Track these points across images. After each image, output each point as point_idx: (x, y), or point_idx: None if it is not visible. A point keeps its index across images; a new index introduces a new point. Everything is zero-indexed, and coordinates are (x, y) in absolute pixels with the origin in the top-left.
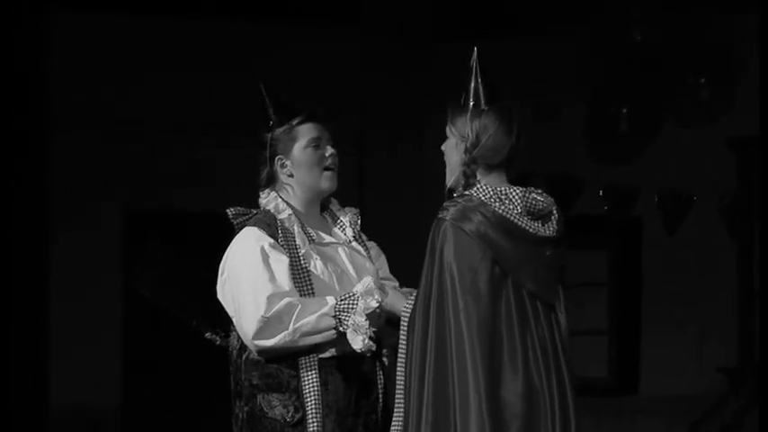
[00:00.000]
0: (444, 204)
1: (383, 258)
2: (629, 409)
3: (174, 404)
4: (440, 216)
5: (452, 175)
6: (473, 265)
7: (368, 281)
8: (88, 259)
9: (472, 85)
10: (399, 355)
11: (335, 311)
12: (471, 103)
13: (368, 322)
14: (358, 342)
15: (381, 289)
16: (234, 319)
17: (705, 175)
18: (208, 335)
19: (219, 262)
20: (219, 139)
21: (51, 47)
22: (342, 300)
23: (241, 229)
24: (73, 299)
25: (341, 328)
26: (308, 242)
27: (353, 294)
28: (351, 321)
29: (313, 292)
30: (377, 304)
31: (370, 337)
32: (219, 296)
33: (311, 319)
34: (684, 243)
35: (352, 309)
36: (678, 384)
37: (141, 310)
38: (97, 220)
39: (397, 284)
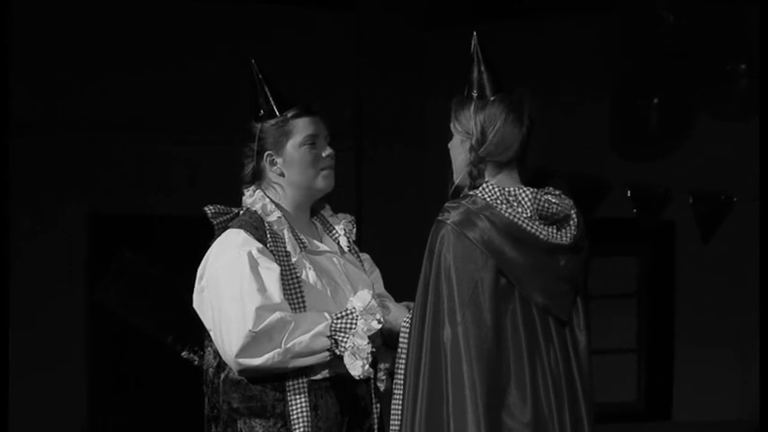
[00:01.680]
0: (445, 206)
1: (377, 273)
2: None
3: (146, 430)
4: (440, 218)
5: (459, 176)
6: (474, 276)
7: (366, 296)
8: (49, 269)
9: (474, 74)
10: (396, 377)
11: (332, 331)
12: (475, 95)
13: (369, 345)
14: (357, 368)
15: (382, 305)
16: (212, 333)
17: (745, 173)
18: (184, 354)
19: (197, 270)
20: (195, 136)
21: (9, 37)
22: (339, 317)
23: (222, 230)
24: (32, 314)
25: (337, 351)
26: (299, 249)
27: (352, 312)
28: (349, 344)
29: (305, 307)
30: (379, 326)
31: (370, 363)
32: (196, 305)
33: (305, 338)
34: (722, 249)
35: (351, 329)
36: (716, 409)
37: (108, 325)
38: (60, 226)
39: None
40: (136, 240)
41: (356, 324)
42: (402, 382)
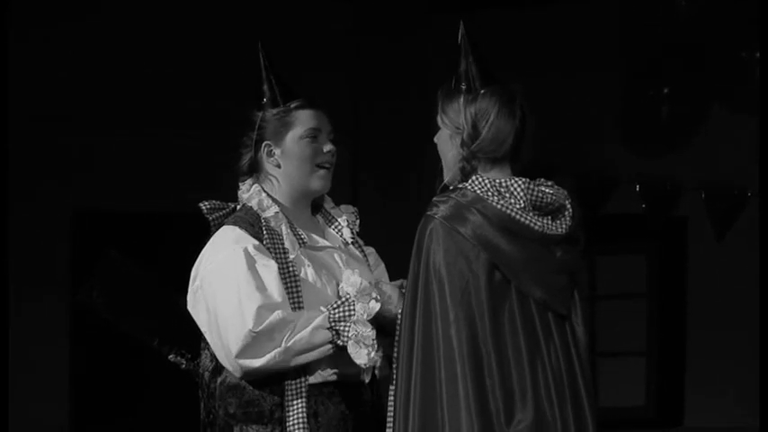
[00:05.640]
0: (434, 200)
1: (382, 267)
2: None
3: None
4: (428, 213)
5: (449, 173)
6: (467, 272)
7: (356, 279)
8: (32, 268)
9: (462, 65)
10: (394, 367)
11: (331, 322)
12: (464, 87)
13: (374, 332)
14: (362, 356)
15: (376, 286)
16: (208, 335)
17: (761, 167)
18: (171, 357)
19: (186, 269)
20: (184, 132)
21: None
22: (335, 307)
23: (218, 227)
24: (14, 314)
25: (339, 342)
26: (298, 246)
27: (347, 299)
28: (352, 332)
29: (302, 306)
30: (378, 305)
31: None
32: (190, 307)
33: (304, 334)
34: (736, 247)
35: (351, 316)
36: (729, 415)
37: (91, 328)
38: (43, 224)
39: None
40: (121, 239)
41: (354, 310)
42: (396, 374)
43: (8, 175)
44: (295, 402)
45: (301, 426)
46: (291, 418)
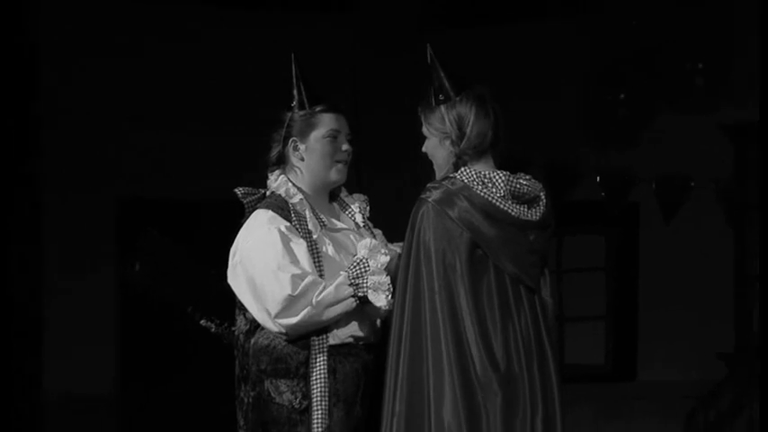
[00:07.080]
0: (428, 185)
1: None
2: (626, 396)
3: (171, 392)
4: (422, 197)
5: (442, 171)
6: (452, 248)
7: (366, 242)
8: (83, 248)
9: (436, 81)
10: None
11: (350, 279)
12: (441, 98)
13: (388, 278)
14: (381, 300)
15: (388, 248)
16: (247, 302)
17: (702, 161)
18: (203, 322)
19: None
20: (216, 127)
21: (39, 26)
22: (352, 268)
23: (252, 209)
24: (67, 288)
25: (360, 293)
26: (319, 228)
27: (361, 260)
28: (369, 282)
29: (324, 278)
30: (388, 257)
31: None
32: (230, 279)
33: (330, 289)
34: (681, 228)
35: (366, 271)
36: (676, 370)
37: (136, 299)
38: (92, 209)
39: None
40: (161, 222)
41: (369, 266)
42: (390, 335)
43: (64, 169)
44: (318, 359)
45: (323, 380)
46: (315, 373)
